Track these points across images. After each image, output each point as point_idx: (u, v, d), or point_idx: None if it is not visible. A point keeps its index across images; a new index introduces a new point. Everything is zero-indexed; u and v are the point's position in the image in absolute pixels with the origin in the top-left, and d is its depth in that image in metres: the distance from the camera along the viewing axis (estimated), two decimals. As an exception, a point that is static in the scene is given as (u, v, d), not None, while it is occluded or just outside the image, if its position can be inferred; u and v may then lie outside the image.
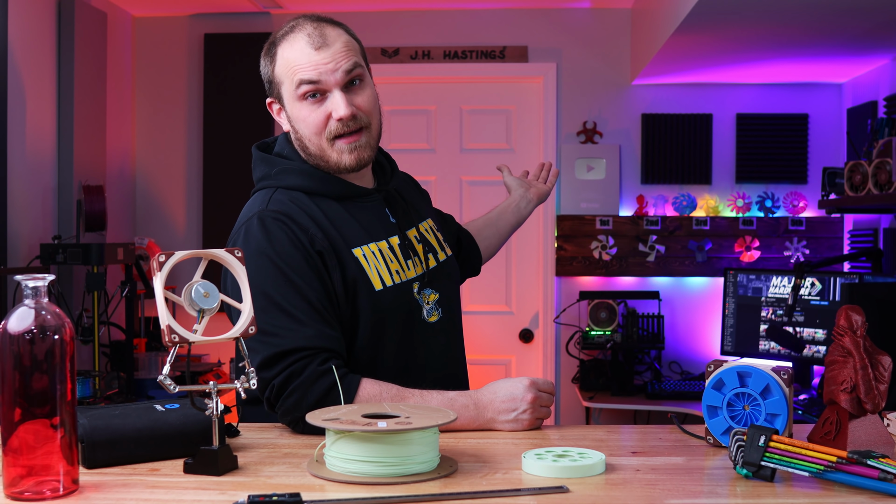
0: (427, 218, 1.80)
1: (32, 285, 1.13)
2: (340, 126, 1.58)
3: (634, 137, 4.32)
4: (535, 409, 1.51)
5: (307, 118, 1.60)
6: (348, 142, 1.60)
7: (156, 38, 4.44)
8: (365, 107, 1.61)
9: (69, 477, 1.13)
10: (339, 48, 1.58)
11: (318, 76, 1.57)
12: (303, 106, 1.59)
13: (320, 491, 1.16)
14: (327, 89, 1.58)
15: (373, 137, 1.65)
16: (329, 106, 1.58)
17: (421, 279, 1.67)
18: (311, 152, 1.63)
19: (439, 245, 1.77)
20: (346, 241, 1.60)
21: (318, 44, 1.57)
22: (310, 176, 1.64)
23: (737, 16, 3.02)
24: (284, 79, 1.61)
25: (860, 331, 1.35)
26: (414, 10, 4.37)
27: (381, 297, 1.59)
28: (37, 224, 3.57)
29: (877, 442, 1.35)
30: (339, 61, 1.57)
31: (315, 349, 1.49)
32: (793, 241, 4.23)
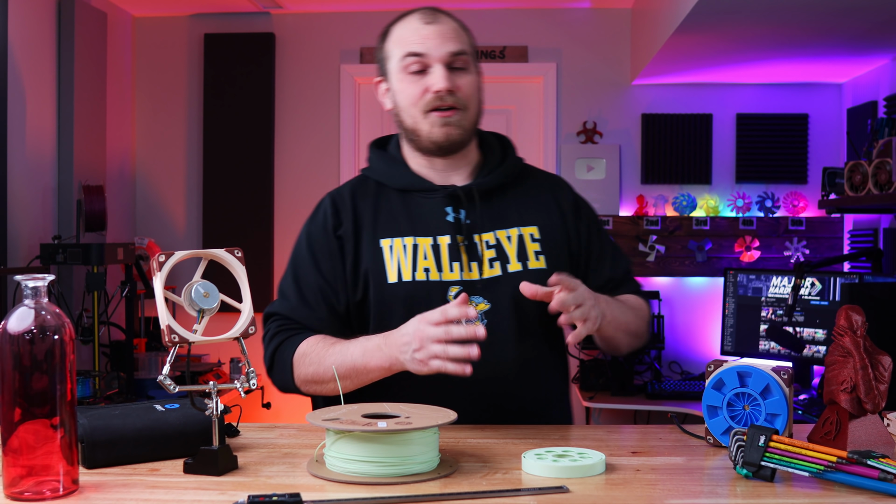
0: (521, 226, 1.68)
1: (32, 285, 1.13)
2: (436, 99, 1.61)
3: (634, 137, 4.32)
4: (426, 348, 1.40)
5: (406, 89, 1.64)
6: (441, 115, 1.62)
7: (156, 38, 4.44)
8: (464, 89, 1.64)
9: (69, 477, 1.13)
10: (449, 29, 1.64)
11: (424, 49, 1.61)
12: (405, 77, 1.64)
13: (320, 491, 1.16)
14: (430, 63, 1.62)
15: (467, 121, 1.65)
16: (429, 80, 1.62)
17: (468, 284, 1.61)
18: (406, 126, 1.67)
19: (521, 256, 1.65)
20: (376, 231, 1.65)
21: (429, 20, 1.64)
22: (382, 166, 1.72)
23: (737, 16, 3.01)
24: (393, 52, 1.66)
25: (860, 331, 1.35)
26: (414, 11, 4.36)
27: (392, 290, 1.61)
28: (37, 224, 3.57)
29: (877, 442, 1.35)
30: (446, 40, 1.62)
31: (284, 317, 1.65)
32: (793, 241, 4.22)
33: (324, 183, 4.40)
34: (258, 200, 4.36)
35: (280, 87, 4.41)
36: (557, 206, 1.73)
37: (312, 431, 1.51)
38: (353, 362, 1.52)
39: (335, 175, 4.41)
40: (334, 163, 4.41)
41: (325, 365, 1.55)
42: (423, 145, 1.66)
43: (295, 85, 4.41)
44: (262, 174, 4.37)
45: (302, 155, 4.41)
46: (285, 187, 4.41)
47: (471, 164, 1.72)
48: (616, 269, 1.76)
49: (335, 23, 4.40)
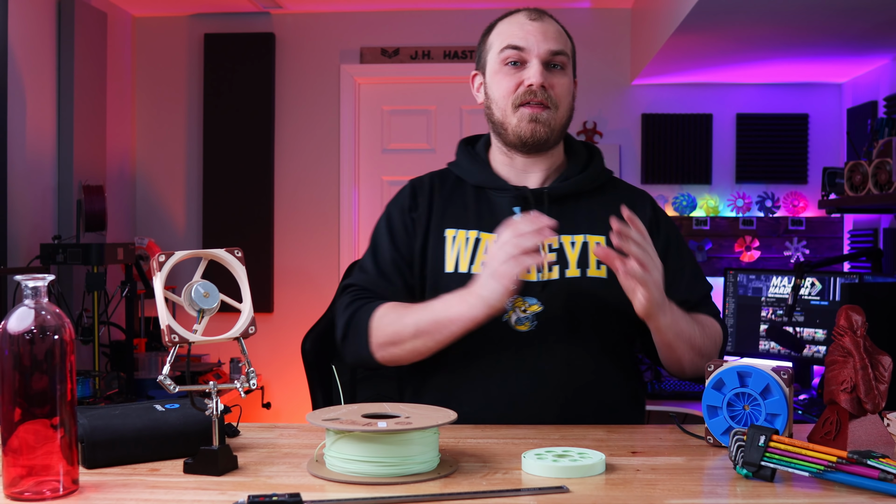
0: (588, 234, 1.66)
1: (32, 285, 1.13)
2: (528, 93, 1.64)
3: (634, 137, 4.32)
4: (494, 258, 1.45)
5: (501, 81, 1.66)
6: (532, 110, 1.64)
7: (156, 38, 4.44)
8: (558, 89, 1.66)
9: (69, 477, 1.13)
10: (552, 29, 1.68)
11: (525, 43, 1.64)
12: (501, 69, 1.67)
13: (320, 491, 1.16)
14: (528, 58, 1.65)
15: (557, 122, 1.67)
16: (524, 74, 1.64)
17: (524, 283, 1.60)
18: (495, 118, 1.69)
19: (581, 263, 1.64)
20: (443, 220, 1.68)
21: (535, 17, 1.68)
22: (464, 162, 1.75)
23: (737, 16, 3.02)
24: (494, 44, 1.70)
25: (860, 331, 1.35)
26: (414, 10, 4.37)
27: (447, 279, 1.64)
28: (37, 224, 3.57)
29: (877, 442, 1.35)
30: (547, 38, 1.65)
31: (361, 288, 1.67)
32: (793, 241, 4.22)
33: (324, 183, 4.41)
34: (258, 200, 4.36)
35: (280, 87, 4.41)
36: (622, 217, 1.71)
37: (312, 431, 1.51)
38: (434, 316, 1.54)
39: (335, 175, 4.41)
40: (334, 163, 4.41)
41: (403, 322, 1.56)
42: (508, 139, 1.68)
43: (295, 85, 4.41)
44: (262, 174, 4.37)
45: (302, 155, 4.41)
46: (285, 187, 4.41)
47: (552, 167, 1.73)
48: (693, 291, 1.70)
49: (335, 23, 4.40)
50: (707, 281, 1.77)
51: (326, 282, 4.33)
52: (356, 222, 4.44)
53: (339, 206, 4.40)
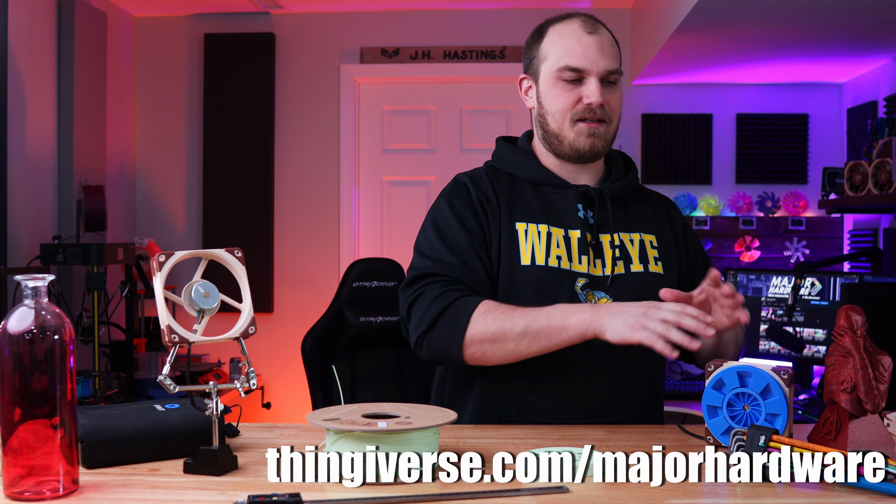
0: (643, 232, 1.74)
1: (32, 285, 1.13)
2: (587, 111, 1.66)
3: (634, 137, 4.32)
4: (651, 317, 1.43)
5: (559, 96, 1.68)
6: (590, 126, 1.67)
7: (156, 38, 4.44)
8: (613, 105, 1.69)
9: (69, 477, 1.13)
10: (608, 42, 1.69)
11: (585, 63, 1.65)
12: (558, 84, 1.68)
13: (320, 491, 1.16)
14: (587, 75, 1.66)
15: (610, 134, 1.71)
16: (583, 91, 1.66)
17: (592, 279, 1.65)
18: (549, 129, 1.71)
19: (642, 259, 1.71)
20: (512, 213, 1.69)
21: (591, 29, 1.68)
22: (514, 158, 1.75)
23: (737, 16, 3.01)
24: (550, 55, 1.69)
25: (860, 331, 1.35)
26: (414, 10, 4.37)
27: (524, 272, 1.64)
28: (37, 224, 3.57)
29: (877, 442, 1.35)
30: (605, 55, 1.66)
31: (449, 278, 1.62)
32: (793, 241, 4.22)
33: (324, 183, 4.41)
34: (258, 200, 4.36)
35: (280, 87, 4.41)
36: (670, 222, 1.81)
37: (312, 431, 1.51)
38: (548, 320, 1.52)
39: (335, 175, 4.41)
40: (334, 163, 4.41)
41: (512, 322, 1.54)
42: (562, 150, 1.71)
43: (295, 85, 4.41)
44: (262, 174, 4.37)
45: (302, 155, 4.41)
46: (285, 187, 4.41)
47: (598, 171, 1.77)
48: None
49: (335, 23, 4.40)
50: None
51: (326, 282, 4.33)
52: (356, 222, 4.44)
53: (339, 206, 4.40)
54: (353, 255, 4.36)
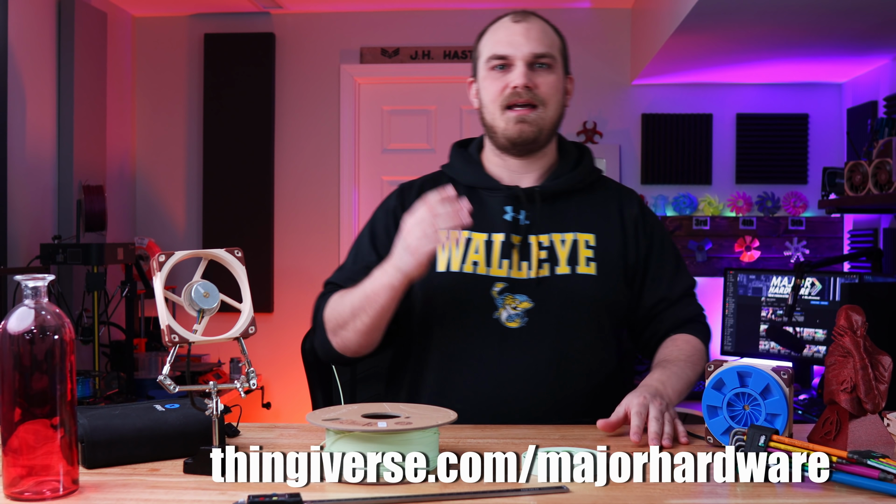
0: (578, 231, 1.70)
1: (32, 285, 1.13)
2: (514, 95, 1.66)
3: (634, 137, 4.32)
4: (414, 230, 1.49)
5: (489, 86, 1.70)
6: (517, 112, 1.67)
7: (156, 38, 4.44)
8: (543, 88, 1.68)
9: (69, 477, 1.13)
10: (537, 29, 1.70)
11: (510, 48, 1.67)
12: (489, 75, 1.70)
13: (320, 491, 1.16)
14: (513, 60, 1.67)
15: (545, 121, 1.69)
16: (509, 77, 1.67)
17: (513, 282, 1.65)
18: (486, 122, 1.73)
19: (571, 260, 1.68)
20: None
21: (518, 19, 1.71)
22: (457, 164, 1.78)
23: (737, 16, 3.01)
24: (483, 52, 1.73)
25: (860, 331, 1.35)
26: (414, 10, 4.37)
27: (439, 279, 1.66)
28: (37, 224, 3.57)
29: (877, 442, 1.35)
30: (531, 40, 1.67)
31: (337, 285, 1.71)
32: (793, 241, 4.22)
33: (324, 183, 4.41)
34: (258, 200, 4.36)
35: (280, 87, 4.41)
36: (620, 218, 1.75)
37: (312, 431, 1.51)
38: (363, 292, 1.59)
39: (335, 175, 4.41)
40: (334, 163, 4.41)
41: (344, 304, 1.62)
42: (499, 142, 1.71)
43: (295, 85, 4.41)
44: (262, 174, 4.37)
45: (302, 155, 4.41)
46: (285, 187, 4.41)
47: (545, 167, 1.75)
48: (673, 288, 1.76)
49: (335, 23, 4.40)
50: (690, 277, 1.81)
51: (326, 282, 4.32)
52: (356, 222, 4.44)
53: (339, 206, 4.40)
54: (353, 255, 4.35)
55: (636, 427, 1.41)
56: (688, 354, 1.68)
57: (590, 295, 1.67)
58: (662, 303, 1.74)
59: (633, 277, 1.74)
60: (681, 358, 1.66)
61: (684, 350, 1.69)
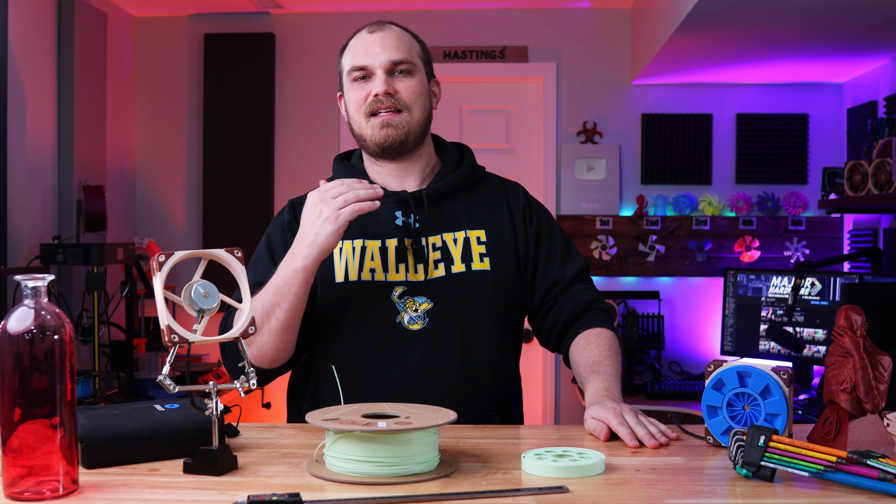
0: (468, 229, 1.73)
1: (32, 285, 1.13)
2: (375, 102, 1.69)
3: (634, 137, 4.32)
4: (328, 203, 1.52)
5: (352, 97, 1.73)
6: (381, 119, 1.69)
7: (156, 38, 4.44)
8: (404, 93, 1.70)
9: (69, 477, 1.13)
10: (393, 37, 1.74)
11: (368, 59, 1.70)
12: (352, 86, 1.73)
13: (320, 491, 1.16)
14: (372, 70, 1.70)
15: (411, 123, 1.71)
16: (370, 85, 1.70)
17: (411, 285, 1.67)
18: (355, 132, 1.75)
19: (465, 258, 1.71)
20: None
21: (374, 29, 1.75)
22: (342, 174, 1.76)
23: (737, 16, 3.02)
24: (345, 66, 1.76)
25: (860, 331, 1.35)
26: (414, 10, 4.37)
27: (337, 289, 1.67)
28: (37, 224, 3.57)
29: (877, 442, 1.35)
30: (387, 48, 1.71)
31: None
32: (793, 241, 4.23)
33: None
34: (258, 201, 4.36)
35: (280, 87, 4.41)
36: (508, 210, 1.79)
37: (312, 431, 1.51)
38: (273, 286, 1.58)
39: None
40: (334, 163, 4.41)
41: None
42: (370, 150, 1.74)
43: (295, 85, 4.41)
44: (262, 174, 4.37)
45: (302, 155, 4.42)
46: (285, 187, 4.41)
47: (425, 170, 1.78)
48: (565, 271, 1.78)
49: (335, 23, 4.40)
50: (582, 259, 1.83)
51: (326, 282, 4.32)
52: (356, 222, 4.44)
53: (339, 206, 4.40)
54: (353, 255, 4.35)
55: (627, 435, 1.42)
56: (607, 350, 1.70)
57: (487, 290, 1.70)
58: (556, 286, 1.77)
59: (526, 265, 1.77)
60: (604, 355, 1.68)
61: (602, 346, 1.70)
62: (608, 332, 1.75)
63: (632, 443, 1.41)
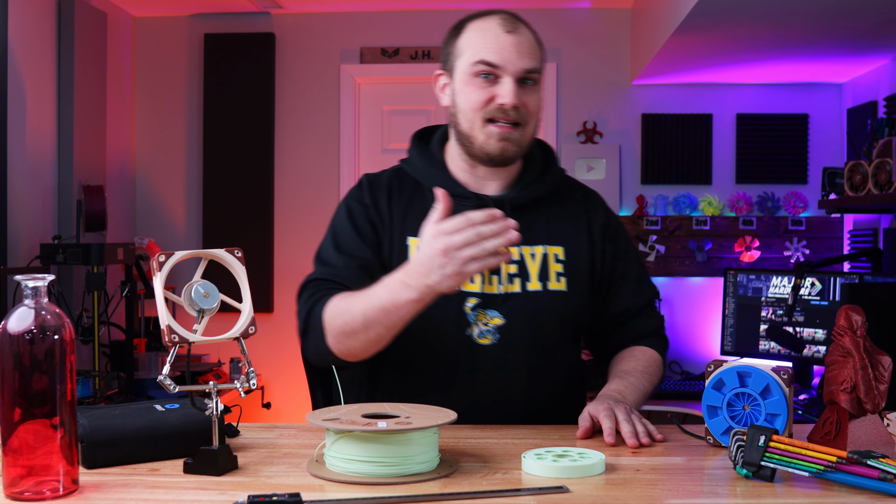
0: (547, 244, 1.67)
1: (32, 285, 1.13)
2: (500, 112, 1.58)
3: (634, 137, 4.32)
4: (453, 258, 1.33)
5: (471, 93, 1.60)
6: (501, 129, 1.59)
7: (156, 38, 4.44)
8: (530, 107, 1.61)
9: (69, 477, 1.13)
10: (528, 42, 1.62)
11: (500, 60, 1.58)
12: (472, 81, 1.61)
13: (320, 491, 1.16)
14: (502, 73, 1.59)
15: (525, 138, 1.63)
16: (497, 90, 1.59)
17: (485, 297, 1.62)
18: (461, 129, 1.64)
19: (542, 276, 1.65)
20: (405, 226, 1.65)
21: (510, 28, 1.61)
22: (421, 165, 1.71)
23: (737, 16, 3.01)
24: (465, 51, 1.63)
25: (860, 331, 1.35)
26: (414, 10, 4.37)
27: None
28: (37, 224, 3.57)
29: (877, 442, 1.35)
30: (522, 55, 1.59)
31: (331, 283, 1.60)
32: (793, 241, 4.22)
33: (324, 183, 4.41)
34: (258, 200, 4.36)
35: (280, 87, 4.41)
36: (588, 226, 1.72)
37: (312, 431, 1.51)
38: (380, 304, 1.45)
39: (335, 175, 4.41)
40: (334, 163, 4.41)
41: (353, 313, 1.50)
42: (473, 152, 1.64)
43: (295, 85, 4.41)
44: (262, 174, 4.37)
45: (302, 155, 4.41)
46: (285, 187, 4.41)
47: (511, 174, 1.70)
48: (637, 298, 1.75)
49: (335, 23, 4.40)
50: (652, 286, 1.80)
51: (326, 282, 4.32)
52: (356, 222, 4.43)
53: (339, 206, 4.40)
54: (353, 255, 4.35)
55: (609, 429, 1.42)
56: (644, 366, 1.68)
57: (561, 311, 1.66)
58: (626, 314, 1.74)
59: (599, 287, 1.73)
60: (638, 369, 1.66)
61: (641, 361, 1.69)
62: (654, 354, 1.72)
63: (608, 439, 1.40)
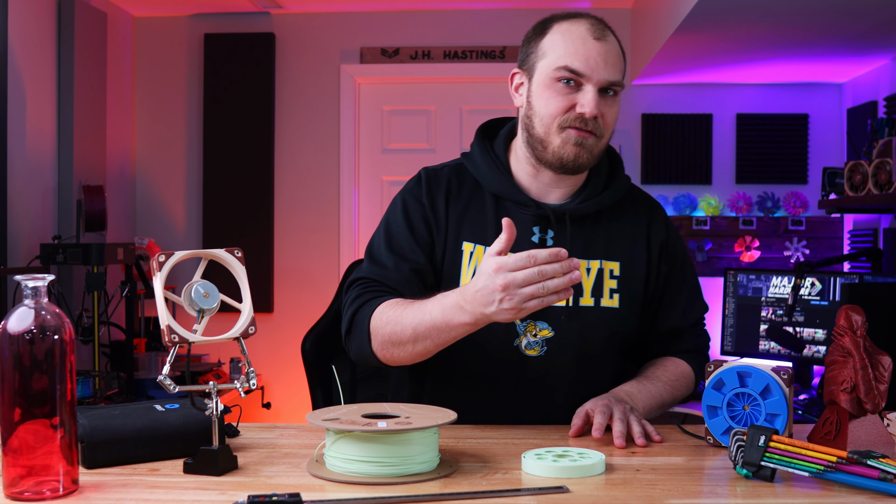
0: (605, 259, 1.64)
1: (32, 285, 1.13)
2: (578, 120, 1.54)
3: (634, 137, 4.32)
4: (513, 295, 1.31)
5: (551, 98, 1.56)
6: (579, 133, 1.55)
7: (156, 38, 4.44)
8: (608, 119, 1.58)
9: (69, 477, 1.13)
10: (614, 52, 1.57)
11: (585, 69, 1.53)
12: (553, 85, 1.56)
13: (320, 491, 1.16)
14: (585, 82, 1.54)
15: (599, 147, 1.59)
16: (579, 98, 1.54)
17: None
18: (534, 132, 1.59)
19: (596, 291, 1.63)
20: (461, 230, 1.62)
21: (598, 35, 1.56)
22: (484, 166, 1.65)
23: (737, 16, 3.01)
24: (549, 53, 1.58)
25: (860, 331, 1.35)
26: (414, 10, 4.37)
27: None
28: (37, 224, 3.57)
29: (877, 442, 1.35)
30: (608, 65, 1.55)
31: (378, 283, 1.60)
32: (793, 241, 4.22)
33: (324, 183, 4.41)
34: (258, 200, 4.36)
35: (280, 87, 4.41)
36: (647, 241, 1.69)
37: (312, 431, 1.51)
38: (432, 321, 1.44)
39: (335, 175, 4.41)
40: (334, 163, 4.41)
41: (402, 324, 1.48)
42: (544, 157, 1.59)
43: (295, 85, 4.41)
44: (262, 174, 4.37)
45: (302, 155, 4.41)
46: (285, 187, 4.41)
47: (575, 183, 1.66)
48: (687, 318, 1.73)
49: (335, 23, 4.40)
50: (703, 305, 1.78)
51: (326, 282, 4.33)
52: (356, 222, 4.44)
53: (339, 206, 4.40)
54: (353, 255, 4.36)
55: (598, 424, 1.41)
56: (672, 377, 1.67)
57: (611, 328, 1.64)
58: (674, 332, 1.72)
59: (650, 303, 1.71)
60: (661, 378, 1.65)
61: (669, 371, 1.67)
62: (686, 368, 1.70)
63: (595, 433, 1.40)
